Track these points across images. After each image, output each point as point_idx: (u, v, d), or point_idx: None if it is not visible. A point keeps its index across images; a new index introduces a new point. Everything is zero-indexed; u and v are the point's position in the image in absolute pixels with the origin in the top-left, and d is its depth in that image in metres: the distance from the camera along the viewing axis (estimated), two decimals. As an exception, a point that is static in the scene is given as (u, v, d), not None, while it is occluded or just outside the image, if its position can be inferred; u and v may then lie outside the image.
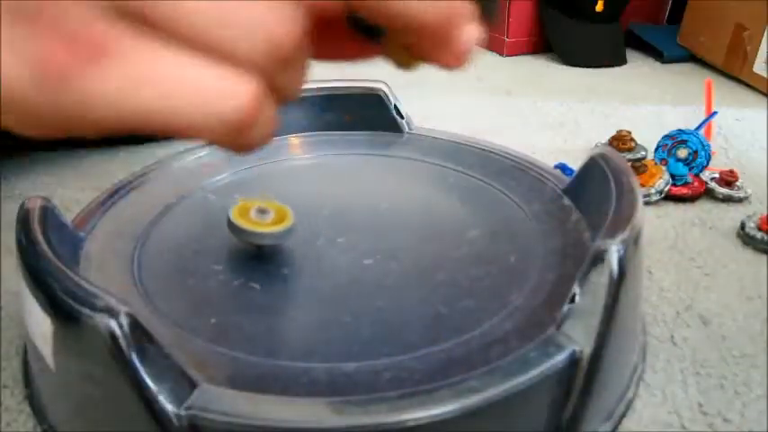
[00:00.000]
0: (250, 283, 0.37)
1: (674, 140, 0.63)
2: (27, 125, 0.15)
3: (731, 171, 0.59)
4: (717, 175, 0.60)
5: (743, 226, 0.52)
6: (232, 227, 0.37)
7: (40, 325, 0.29)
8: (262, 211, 0.37)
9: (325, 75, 0.64)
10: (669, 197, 0.58)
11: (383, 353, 0.31)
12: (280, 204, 0.39)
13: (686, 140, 0.62)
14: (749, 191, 0.59)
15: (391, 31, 0.20)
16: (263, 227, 0.37)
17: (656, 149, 0.63)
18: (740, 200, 0.58)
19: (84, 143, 0.69)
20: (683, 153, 0.62)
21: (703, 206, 0.57)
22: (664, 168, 0.58)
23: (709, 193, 0.59)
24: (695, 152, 0.61)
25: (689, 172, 0.60)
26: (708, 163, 0.62)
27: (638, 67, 1.04)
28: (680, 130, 0.63)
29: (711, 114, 0.71)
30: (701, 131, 0.65)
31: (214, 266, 0.38)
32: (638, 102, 0.86)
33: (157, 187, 0.48)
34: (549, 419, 0.29)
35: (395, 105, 0.56)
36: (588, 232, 0.40)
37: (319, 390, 0.28)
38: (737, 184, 0.59)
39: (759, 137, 0.74)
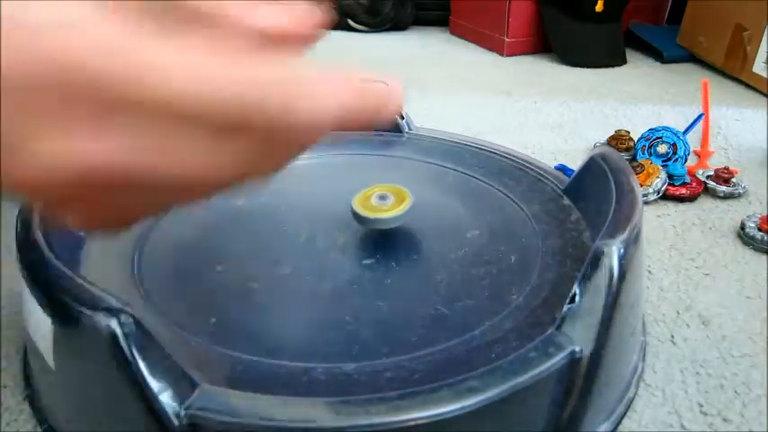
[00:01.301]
0: (250, 283, 0.37)
1: (649, 140, 0.63)
2: None
3: (726, 168, 0.59)
4: (712, 173, 0.60)
5: (743, 226, 0.52)
6: (357, 217, 0.39)
7: (41, 325, 0.29)
8: (382, 197, 0.39)
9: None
10: (668, 197, 0.58)
11: (383, 353, 0.31)
12: (398, 187, 0.40)
13: (661, 137, 0.62)
14: (745, 185, 0.59)
15: None
16: (385, 212, 0.39)
17: (636, 152, 0.64)
18: (740, 195, 0.58)
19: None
20: (662, 149, 0.62)
21: (703, 206, 0.57)
22: (661, 168, 0.58)
23: (710, 193, 0.59)
24: (674, 145, 0.62)
25: (674, 163, 0.60)
26: (689, 150, 0.62)
27: (638, 67, 1.04)
28: (651, 129, 0.64)
29: (698, 117, 0.72)
30: (688, 135, 0.65)
31: (214, 266, 0.38)
32: (637, 102, 0.86)
33: (157, 187, 0.47)
34: (549, 419, 0.29)
35: (395, 105, 0.56)
36: (588, 232, 0.40)
37: (319, 390, 0.28)
38: (733, 180, 0.59)
39: (759, 137, 0.74)
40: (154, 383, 0.25)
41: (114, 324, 0.25)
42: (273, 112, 0.17)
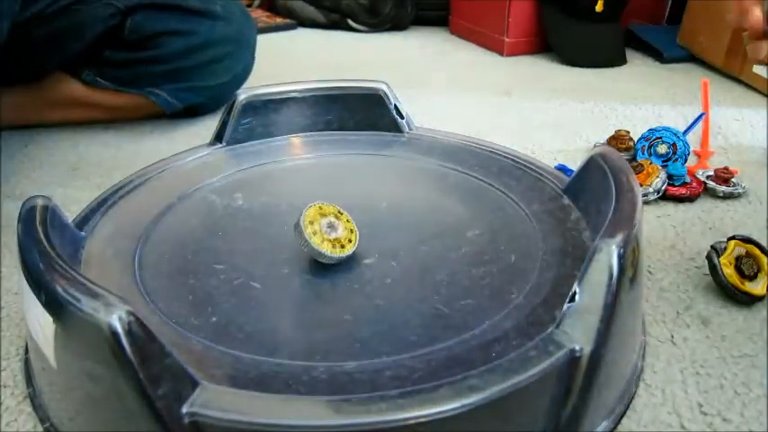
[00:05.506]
0: (250, 283, 0.37)
1: (649, 140, 0.63)
2: None
3: (726, 168, 0.59)
4: (712, 173, 0.60)
5: None
6: (300, 234, 0.37)
7: (42, 324, 0.29)
8: (331, 227, 0.38)
9: (325, 75, 0.65)
10: (668, 197, 0.58)
11: (383, 351, 0.31)
12: (351, 223, 0.39)
13: (661, 137, 0.62)
14: (745, 185, 0.59)
15: None
16: (326, 246, 0.37)
17: (636, 152, 0.64)
18: (740, 195, 0.58)
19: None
20: (662, 149, 0.62)
21: (703, 206, 0.57)
22: (661, 168, 0.58)
23: (710, 193, 0.59)
24: (674, 145, 0.62)
25: (674, 163, 0.60)
26: (689, 150, 0.62)
27: (638, 67, 1.04)
28: (651, 129, 0.64)
29: (698, 117, 0.72)
30: (688, 135, 0.65)
31: (215, 266, 0.38)
32: (637, 102, 0.86)
33: (157, 187, 0.48)
34: (548, 417, 0.29)
35: (395, 105, 0.56)
36: (588, 231, 0.40)
37: (320, 388, 0.28)
38: (733, 180, 0.59)
39: (759, 137, 0.74)
40: (155, 382, 0.25)
41: (115, 322, 0.25)
42: None
